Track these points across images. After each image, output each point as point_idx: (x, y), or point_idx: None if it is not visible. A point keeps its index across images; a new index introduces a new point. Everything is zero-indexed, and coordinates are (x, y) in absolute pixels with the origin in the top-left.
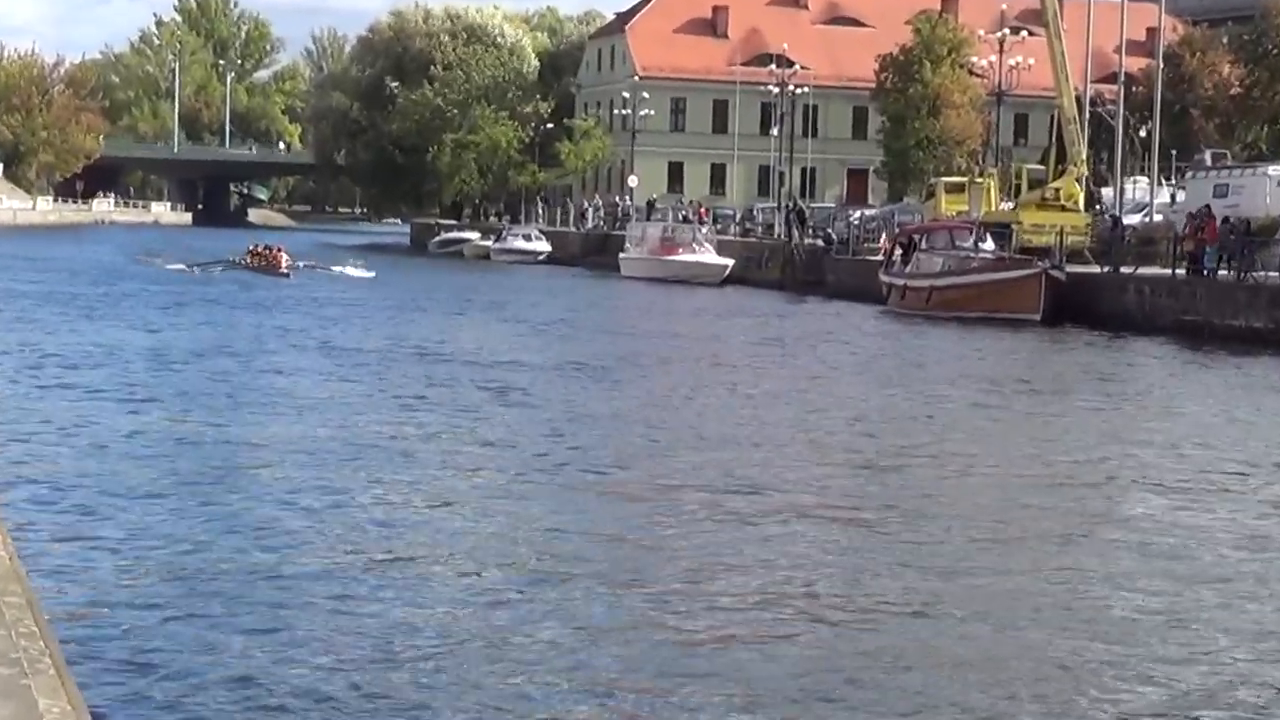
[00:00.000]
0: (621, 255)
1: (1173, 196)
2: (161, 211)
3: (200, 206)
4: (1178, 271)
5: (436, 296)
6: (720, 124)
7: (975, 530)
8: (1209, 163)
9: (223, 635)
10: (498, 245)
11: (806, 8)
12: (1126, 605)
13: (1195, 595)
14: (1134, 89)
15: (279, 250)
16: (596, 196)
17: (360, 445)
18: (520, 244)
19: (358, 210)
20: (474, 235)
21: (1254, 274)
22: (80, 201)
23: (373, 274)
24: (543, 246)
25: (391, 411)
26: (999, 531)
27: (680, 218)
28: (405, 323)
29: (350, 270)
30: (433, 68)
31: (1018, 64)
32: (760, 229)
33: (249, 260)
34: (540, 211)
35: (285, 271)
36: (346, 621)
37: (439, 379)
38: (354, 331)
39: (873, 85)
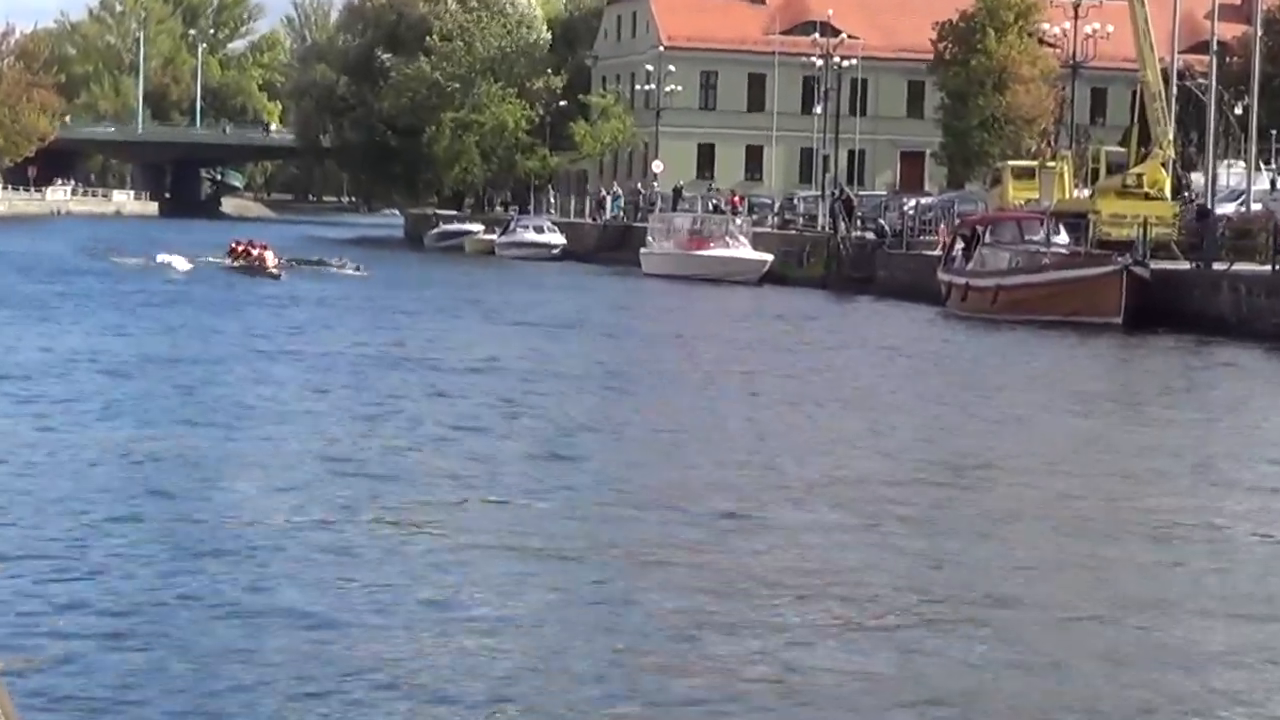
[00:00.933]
0: (643, 250)
1: (1273, 183)
2: (124, 201)
3: (168, 195)
4: (1278, 268)
5: (435, 297)
6: (756, 101)
7: (1059, 566)
8: None
9: (184, 679)
10: (504, 239)
11: None
12: (1219, 641)
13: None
14: (1228, 60)
15: (264, 248)
16: (615, 184)
17: (351, 465)
18: (530, 236)
19: (345, 199)
20: (477, 228)
21: None
22: (33, 190)
23: (368, 273)
24: (556, 239)
25: (387, 429)
26: (1084, 563)
27: (711, 207)
28: (402, 327)
29: (345, 269)
30: (430, 38)
31: (1095, 32)
32: (801, 220)
33: (229, 260)
34: (552, 201)
35: (274, 272)
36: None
37: (442, 390)
38: (344, 337)
39: (929, 57)
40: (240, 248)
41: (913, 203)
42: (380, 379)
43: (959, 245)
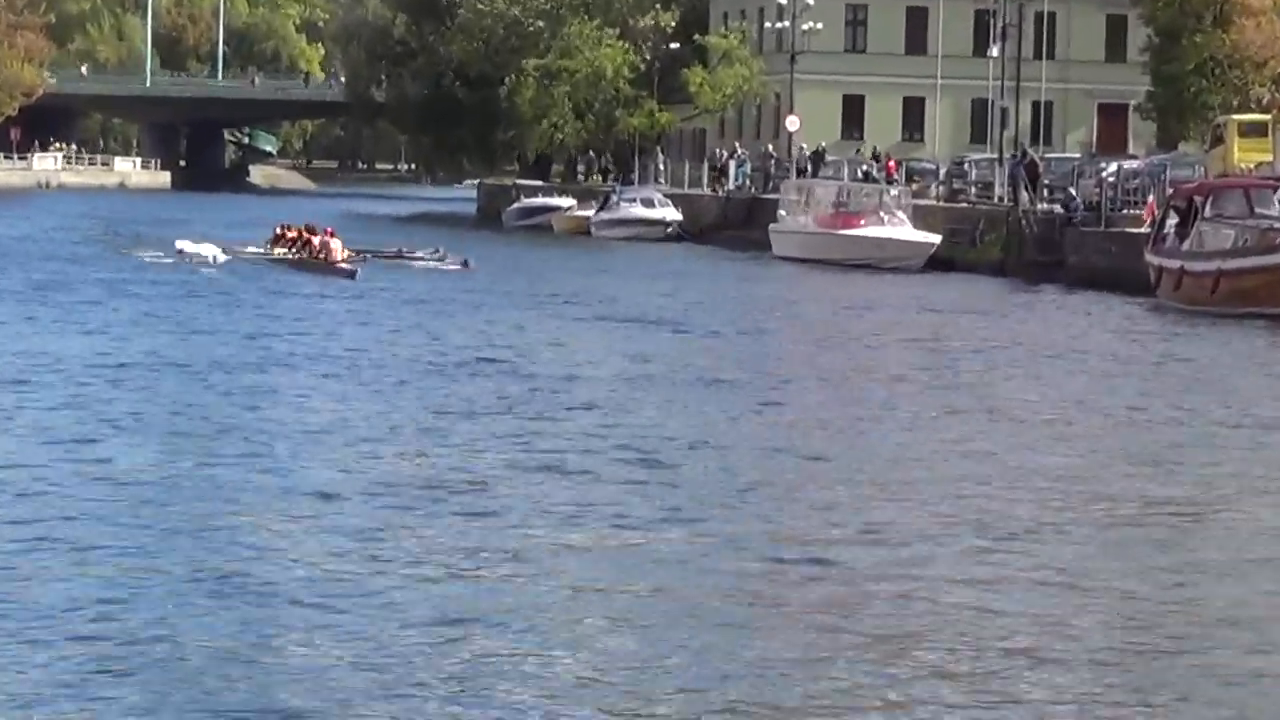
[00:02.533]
0: (775, 228)
1: None
2: (129, 171)
3: (183, 163)
4: None
5: (554, 294)
6: (917, 42)
7: None
8: None
9: None
10: (603, 215)
11: None
12: None
13: None
14: None
15: (329, 234)
16: (740, 146)
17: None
18: (636, 212)
19: (403, 168)
20: (567, 202)
21: None
22: (17, 157)
23: (468, 267)
24: (669, 215)
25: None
26: None
27: (860, 174)
28: (507, 331)
29: (439, 261)
30: None
31: None
32: (974, 190)
33: (276, 249)
34: (661, 167)
35: (347, 267)
36: None
37: (554, 412)
38: (459, 354)
39: None
40: (291, 233)
41: (1113, 167)
42: (493, 399)
43: (1171, 220)
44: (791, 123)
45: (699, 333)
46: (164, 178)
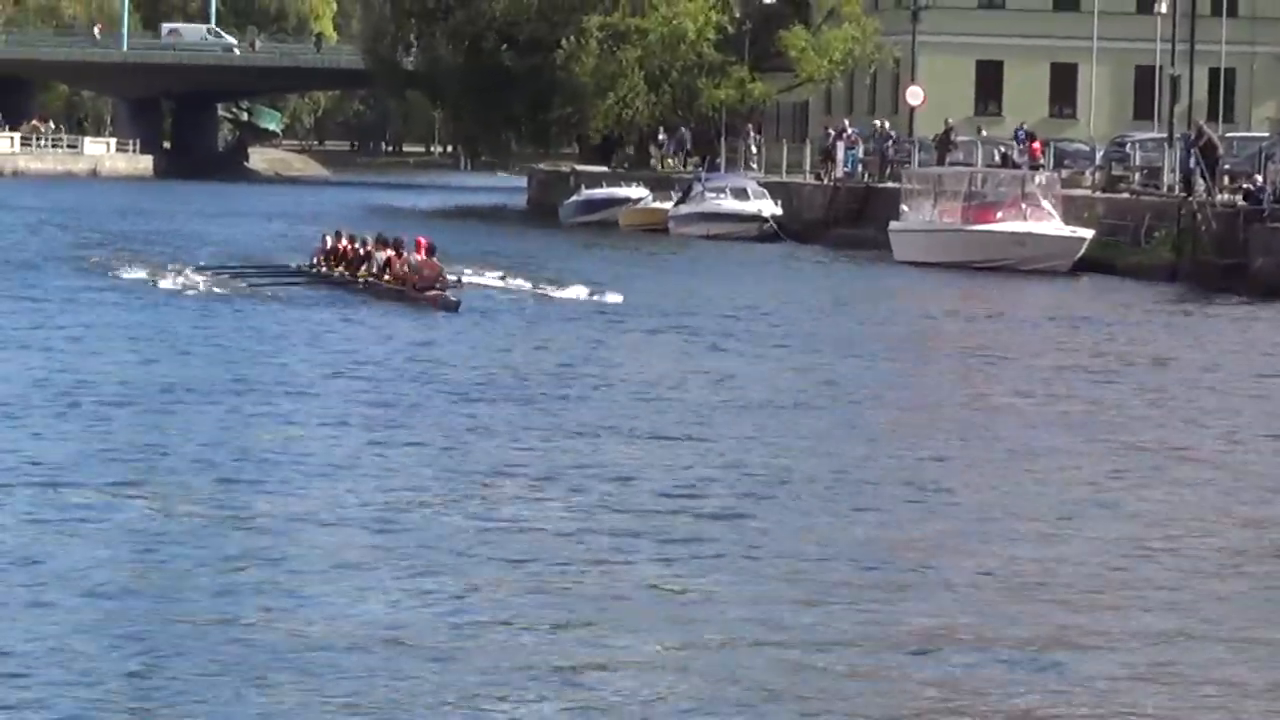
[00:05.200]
0: (895, 225)
1: None
2: (102, 154)
3: (168, 145)
4: None
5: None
6: None
7: None
8: None
9: None
10: (684, 209)
11: None
12: None
13: None
14: None
15: (425, 248)
16: (851, 124)
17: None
18: (726, 205)
19: (436, 150)
20: (639, 192)
21: None
22: None
23: (618, 296)
24: (765, 208)
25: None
26: None
27: (998, 158)
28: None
29: (599, 293)
30: None
31: None
32: (1138, 177)
33: (325, 266)
34: (754, 150)
35: (449, 297)
36: None
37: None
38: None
39: None
40: (346, 245)
41: None
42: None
43: None
44: (914, 95)
45: (800, 352)
46: (145, 163)
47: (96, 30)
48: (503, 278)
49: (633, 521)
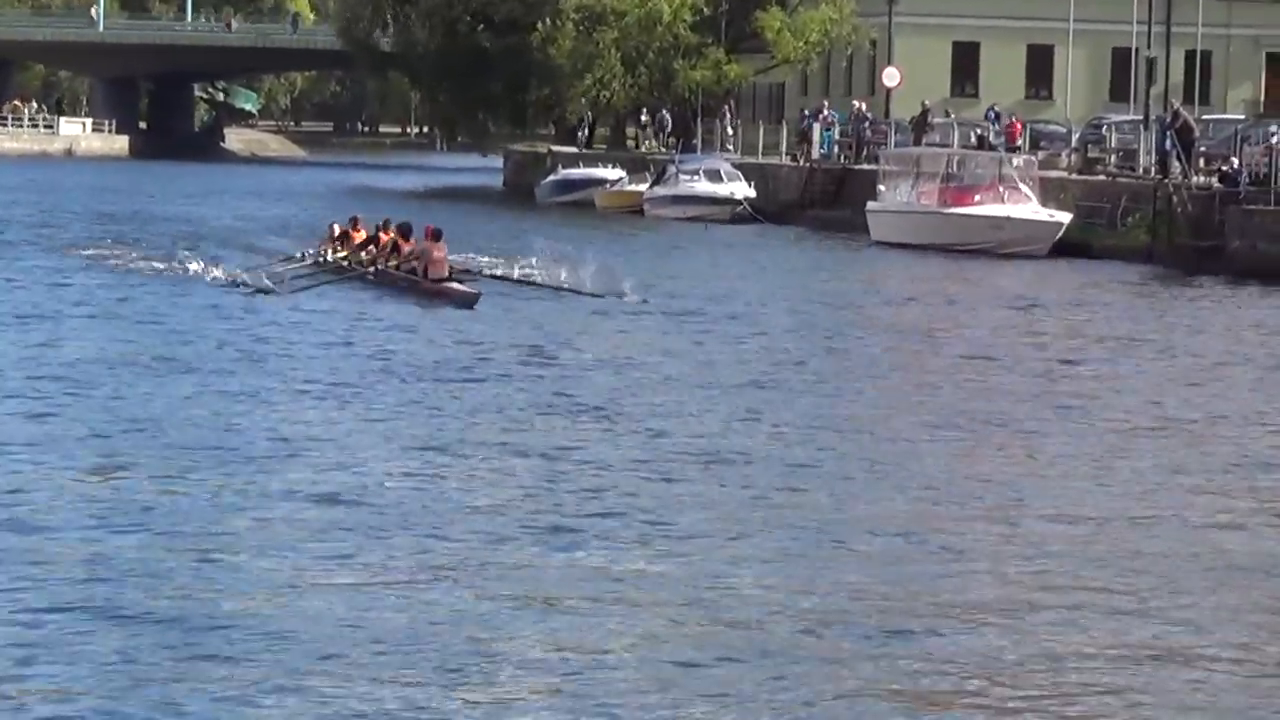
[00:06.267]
0: (872, 206)
1: None
2: (77, 134)
3: (144, 125)
4: None
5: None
6: None
7: None
8: None
9: None
10: (659, 190)
11: None
12: None
13: None
14: None
15: (433, 237)
16: (827, 105)
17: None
18: (701, 187)
19: (413, 131)
20: (615, 173)
21: None
22: None
23: (642, 298)
24: (739, 190)
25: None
26: None
27: (974, 140)
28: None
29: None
30: None
31: None
32: (1114, 159)
33: (333, 253)
34: (730, 132)
35: (467, 290)
36: None
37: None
38: None
39: None
40: (358, 233)
41: None
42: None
43: None
44: (890, 76)
45: (777, 337)
46: (121, 143)
47: (94, 11)
48: (521, 270)
49: (595, 502)
